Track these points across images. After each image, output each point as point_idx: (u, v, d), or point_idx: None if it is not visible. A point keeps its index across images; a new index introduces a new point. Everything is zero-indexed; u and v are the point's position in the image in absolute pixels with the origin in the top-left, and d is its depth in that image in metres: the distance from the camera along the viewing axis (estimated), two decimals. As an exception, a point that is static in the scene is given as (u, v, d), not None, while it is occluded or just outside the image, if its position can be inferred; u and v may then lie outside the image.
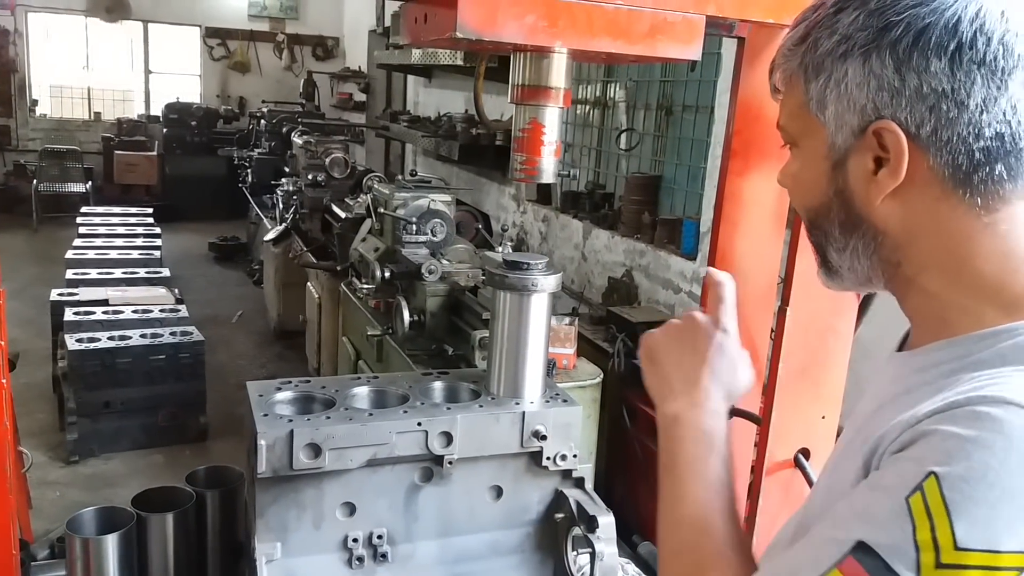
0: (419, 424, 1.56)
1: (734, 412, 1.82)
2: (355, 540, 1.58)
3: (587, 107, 5.34)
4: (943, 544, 0.63)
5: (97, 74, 11.71)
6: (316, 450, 1.48)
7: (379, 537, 1.60)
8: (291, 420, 1.52)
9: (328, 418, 1.54)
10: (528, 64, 1.47)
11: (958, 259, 0.79)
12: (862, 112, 0.79)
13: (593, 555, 1.58)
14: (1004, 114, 0.74)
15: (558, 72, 1.47)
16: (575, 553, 1.69)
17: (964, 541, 0.63)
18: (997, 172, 0.76)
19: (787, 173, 0.91)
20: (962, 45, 0.74)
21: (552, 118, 1.51)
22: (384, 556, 1.60)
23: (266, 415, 1.52)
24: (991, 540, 0.63)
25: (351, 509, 1.58)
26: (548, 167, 1.54)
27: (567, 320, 2.91)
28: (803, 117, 0.84)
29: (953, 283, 0.80)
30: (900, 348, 0.91)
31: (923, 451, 0.68)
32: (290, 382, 1.70)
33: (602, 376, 2.98)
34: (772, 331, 1.96)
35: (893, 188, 0.79)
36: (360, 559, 1.59)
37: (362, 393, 1.69)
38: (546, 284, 1.67)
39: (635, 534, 2.15)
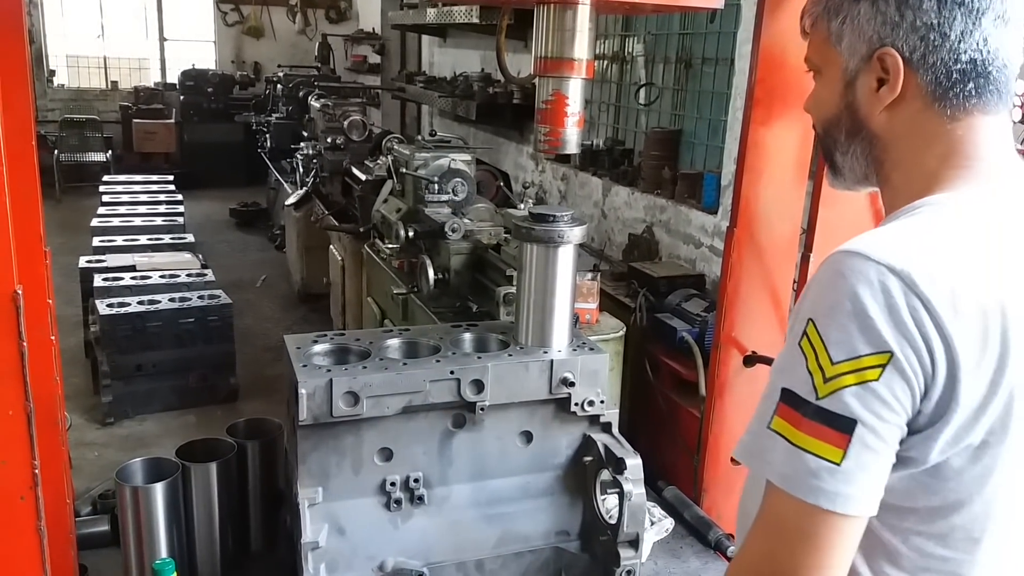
0: (451, 372, 1.61)
1: (757, 359, 1.86)
2: (393, 484, 1.65)
3: (605, 62, 5.29)
4: (824, 364, 0.87)
5: (112, 43, 11.70)
6: (354, 398, 1.54)
7: (415, 481, 1.66)
8: (329, 370, 1.57)
9: (365, 368, 1.59)
10: (551, 36, 1.48)
11: (918, 156, 1.00)
12: (869, 41, 1.00)
13: (622, 496, 1.63)
14: (977, 44, 0.95)
15: (581, 43, 1.48)
16: (604, 496, 1.75)
17: (835, 357, 0.86)
18: (967, 89, 0.97)
19: (810, 98, 1.12)
20: None
21: (575, 89, 1.52)
22: (421, 499, 1.67)
23: (305, 366, 1.58)
24: (851, 350, 0.86)
25: (388, 454, 1.65)
26: (572, 138, 1.56)
27: (589, 275, 2.93)
28: (825, 50, 1.06)
29: (909, 176, 1.01)
30: None
31: (804, 302, 0.92)
32: (325, 335, 1.75)
33: (624, 330, 3.01)
34: (795, 282, 1.99)
35: (889, 102, 1.00)
36: (398, 502, 1.66)
37: (395, 344, 1.75)
38: (572, 235, 1.70)
39: (660, 480, 2.20)
